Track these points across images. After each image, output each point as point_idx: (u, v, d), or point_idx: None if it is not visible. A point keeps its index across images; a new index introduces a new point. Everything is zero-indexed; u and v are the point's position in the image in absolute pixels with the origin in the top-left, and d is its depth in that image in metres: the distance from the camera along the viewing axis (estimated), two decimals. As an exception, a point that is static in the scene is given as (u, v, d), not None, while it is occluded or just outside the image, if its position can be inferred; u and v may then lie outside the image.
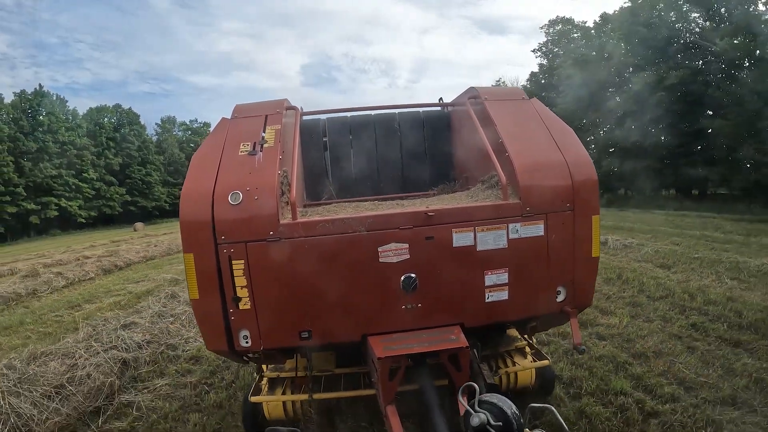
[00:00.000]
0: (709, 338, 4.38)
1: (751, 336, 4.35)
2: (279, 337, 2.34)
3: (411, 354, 2.22)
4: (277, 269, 2.24)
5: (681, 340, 4.37)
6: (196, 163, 2.45)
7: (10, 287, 8.87)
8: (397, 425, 2.11)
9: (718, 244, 9.55)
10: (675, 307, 5.40)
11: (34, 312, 7.67)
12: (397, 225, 2.29)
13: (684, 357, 3.99)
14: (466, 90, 3.27)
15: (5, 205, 37.26)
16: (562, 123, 2.74)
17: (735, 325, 4.65)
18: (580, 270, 2.46)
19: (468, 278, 2.36)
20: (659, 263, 7.88)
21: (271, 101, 2.98)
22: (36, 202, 39.41)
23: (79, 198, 42.49)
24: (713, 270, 7.01)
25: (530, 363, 3.06)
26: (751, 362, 3.77)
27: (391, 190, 3.76)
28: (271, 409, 2.90)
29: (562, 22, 35.87)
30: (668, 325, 4.79)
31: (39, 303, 8.40)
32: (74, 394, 3.58)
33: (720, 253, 8.36)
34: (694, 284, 6.30)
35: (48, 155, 40.74)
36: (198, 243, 2.22)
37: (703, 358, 3.93)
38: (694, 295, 5.69)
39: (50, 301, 8.47)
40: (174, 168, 53.05)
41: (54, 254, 16.64)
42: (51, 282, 9.44)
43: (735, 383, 3.42)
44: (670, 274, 7.05)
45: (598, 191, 2.52)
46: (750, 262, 7.16)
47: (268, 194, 2.25)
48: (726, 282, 6.34)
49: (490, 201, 2.48)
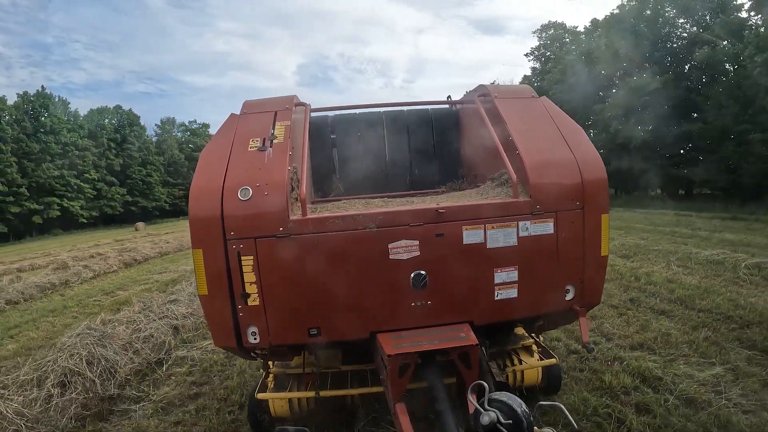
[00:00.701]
0: (641, 308, 5.45)
1: (676, 307, 5.41)
2: (287, 333, 2.35)
3: (421, 351, 2.21)
4: (287, 265, 2.25)
5: (616, 309, 5.44)
6: (205, 158, 2.45)
7: (45, 278, 9.84)
8: (406, 423, 2.11)
9: (681, 238, 10.56)
10: (620, 286, 6.48)
11: (72, 298, 8.64)
12: (408, 222, 2.30)
13: (613, 320, 5.06)
14: (475, 88, 3.28)
15: (9, 205, 37.91)
16: (571, 121, 2.75)
17: (666, 299, 5.73)
18: (589, 268, 2.47)
19: (478, 276, 2.37)
20: (621, 254, 8.94)
21: (280, 97, 2.98)
22: (39, 202, 40.11)
23: (80, 198, 43.27)
24: (666, 259, 8.09)
25: (537, 361, 3.09)
26: (666, 323, 4.87)
27: (399, 187, 3.79)
28: (276, 406, 2.91)
29: (554, 26, 37.13)
30: (609, 299, 5.81)
31: (73, 291, 9.37)
32: (142, 348, 4.63)
33: (679, 245, 9.35)
34: (643, 270, 7.34)
35: (50, 156, 41.47)
36: (207, 239, 2.22)
37: (628, 321, 5.00)
38: (639, 278, 6.77)
39: (83, 290, 9.45)
40: (174, 169, 53.93)
41: (60, 253, 17.28)
42: (80, 273, 10.43)
43: (646, 336, 4.52)
44: (627, 263, 8.13)
45: (608, 190, 2.53)
46: (701, 253, 8.17)
47: (278, 190, 2.26)
48: (672, 268, 7.41)
49: (500, 198, 2.48)
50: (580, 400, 3.33)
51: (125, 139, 49.03)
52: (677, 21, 26.39)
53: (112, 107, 51.01)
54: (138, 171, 49.12)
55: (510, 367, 3.07)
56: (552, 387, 3.32)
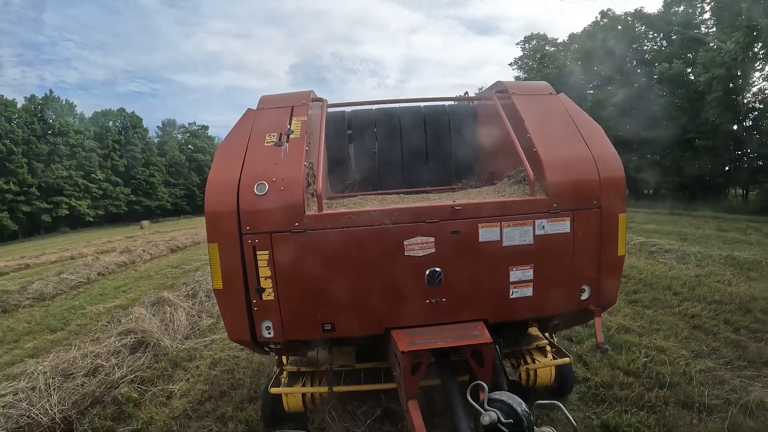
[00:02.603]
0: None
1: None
2: (301, 329, 2.37)
3: (434, 349, 2.21)
4: (302, 261, 2.25)
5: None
6: (222, 153, 2.46)
7: (118, 257, 12.24)
8: (418, 420, 2.11)
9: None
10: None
11: (146, 272, 11.07)
12: (424, 218, 2.29)
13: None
14: (492, 84, 3.28)
15: (20, 205, 39.63)
16: (589, 118, 2.72)
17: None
18: (605, 268, 2.45)
19: (493, 274, 2.36)
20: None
21: (297, 92, 2.99)
22: (48, 202, 41.93)
23: (87, 198, 45.29)
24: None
25: (551, 361, 3.07)
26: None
27: (415, 183, 3.80)
28: (290, 401, 2.94)
29: (536, 38, 40.05)
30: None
31: (143, 268, 11.78)
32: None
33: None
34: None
35: (58, 157, 43.30)
36: (223, 233, 2.24)
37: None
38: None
39: (150, 266, 11.88)
40: (175, 169, 56.01)
41: (77, 248, 18.81)
42: (142, 256, 12.86)
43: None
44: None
45: (626, 189, 2.50)
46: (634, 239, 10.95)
47: (295, 185, 2.26)
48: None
49: (517, 196, 2.47)
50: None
51: (129, 141, 51.04)
52: (646, 36, 29.41)
53: (116, 109, 52.87)
54: (141, 171, 51.21)
55: (523, 365, 3.06)
56: (566, 387, 3.32)
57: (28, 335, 6.26)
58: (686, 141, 22.10)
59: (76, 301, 8.24)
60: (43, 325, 6.75)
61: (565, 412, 1.80)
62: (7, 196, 38.74)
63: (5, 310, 7.71)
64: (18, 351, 5.54)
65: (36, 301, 8.31)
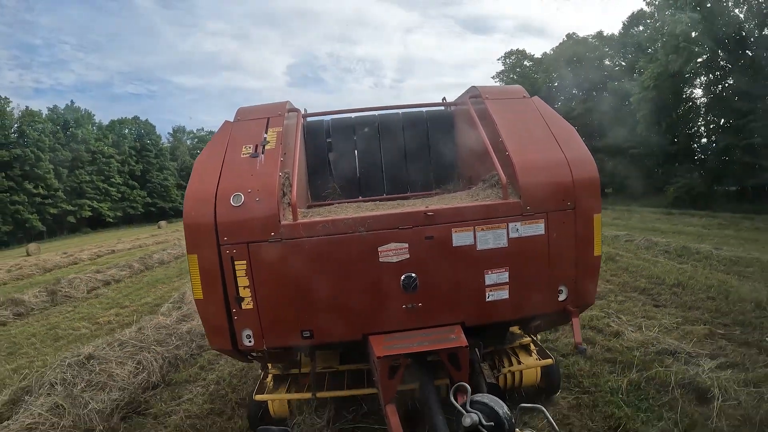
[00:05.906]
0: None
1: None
2: (281, 336, 2.41)
3: (411, 353, 2.23)
4: (279, 269, 2.30)
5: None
6: (199, 166, 2.52)
7: (162, 253, 16.19)
8: (396, 424, 2.13)
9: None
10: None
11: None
12: (397, 225, 2.32)
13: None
14: (467, 89, 3.31)
15: (48, 207, 43.15)
16: (563, 120, 2.75)
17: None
18: (582, 269, 2.48)
19: (468, 277, 2.38)
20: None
21: (273, 104, 3.04)
22: (72, 204, 45.59)
23: (108, 200, 49.09)
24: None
25: (534, 361, 3.13)
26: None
27: (394, 190, 3.86)
28: (276, 407, 3.00)
29: (516, 54, 43.75)
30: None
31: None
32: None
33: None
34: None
35: (81, 163, 47.17)
36: (201, 244, 2.29)
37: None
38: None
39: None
40: (186, 173, 59.72)
41: (116, 244, 21.50)
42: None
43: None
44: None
45: (600, 189, 2.51)
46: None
47: (270, 196, 2.31)
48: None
49: (489, 200, 2.49)
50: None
51: (144, 147, 55.04)
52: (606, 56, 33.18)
53: (131, 118, 56.87)
54: (156, 176, 55.22)
55: (507, 368, 3.09)
56: (552, 387, 3.35)
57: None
58: (623, 149, 26.13)
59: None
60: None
61: (547, 415, 1.79)
62: (36, 199, 42.35)
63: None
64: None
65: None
